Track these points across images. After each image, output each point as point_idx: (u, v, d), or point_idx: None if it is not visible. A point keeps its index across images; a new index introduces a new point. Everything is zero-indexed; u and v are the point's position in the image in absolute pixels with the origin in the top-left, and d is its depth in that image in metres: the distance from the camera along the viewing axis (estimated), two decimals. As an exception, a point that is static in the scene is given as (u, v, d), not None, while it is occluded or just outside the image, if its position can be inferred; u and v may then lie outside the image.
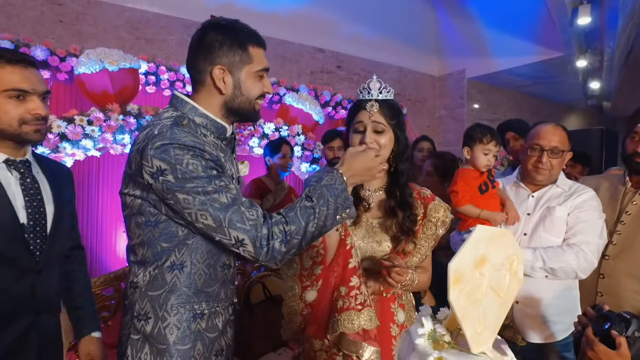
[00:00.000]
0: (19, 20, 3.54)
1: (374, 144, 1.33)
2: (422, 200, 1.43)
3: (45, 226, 1.30)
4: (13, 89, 1.21)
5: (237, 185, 1.26)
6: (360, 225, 1.40)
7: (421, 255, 1.41)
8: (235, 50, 1.18)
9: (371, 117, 1.34)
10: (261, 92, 1.24)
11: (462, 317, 0.58)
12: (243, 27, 1.22)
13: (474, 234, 0.61)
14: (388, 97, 1.38)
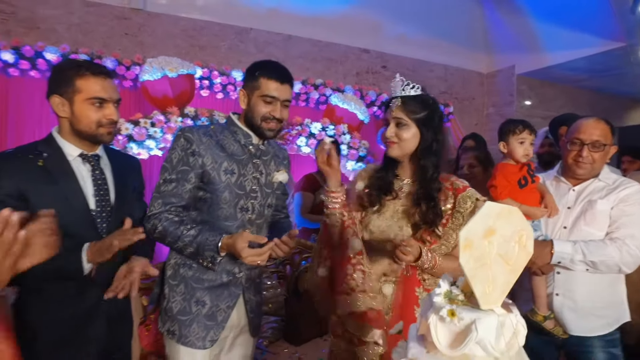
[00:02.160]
0: (93, 36, 3.94)
1: (394, 137, 1.48)
2: (454, 191, 1.49)
3: (110, 212, 1.51)
4: (94, 98, 1.44)
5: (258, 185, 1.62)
6: (387, 210, 1.53)
7: (448, 244, 1.49)
8: (250, 77, 1.56)
9: (392, 113, 1.47)
10: (264, 113, 1.54)
11: (472, 277, 0.68)
12: (267, 64, 1.58)
13: (483, 209, 0.71)
14: (413, 94, 1.47)
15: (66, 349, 1.42)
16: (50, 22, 3.86)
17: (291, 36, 4.97)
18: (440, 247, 1.48)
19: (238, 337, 1.68)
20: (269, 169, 1.66)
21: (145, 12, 4.17)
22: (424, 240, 1.46)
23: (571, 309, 1.80)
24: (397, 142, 1.49)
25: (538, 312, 1.81)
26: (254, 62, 1.61)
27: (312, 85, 4.51)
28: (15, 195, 1.35)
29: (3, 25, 3.66)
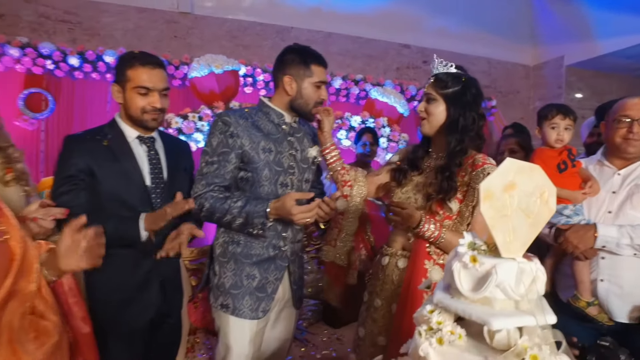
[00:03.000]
0: (145, 39, 4.22)
1: (424, 113, 1.57)
2: (472, 167, 1.51)
3: (163, 188, 1.67)
4: (140, 86, 1.59)
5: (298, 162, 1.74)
6: (409, 183, 1.63)
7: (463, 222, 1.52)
8: (298, 64, 1.64)
9: (425, 89, 1.58)
10: (318, 99, 1.66)
11: (492, 226, 0.73)
12: (310, 50, 1.69)
13: (503, 164, 0.75)
14: (445, 71, 1.54)
15: (127, 309, 1.59)
16: (109, 29, 4.17)
17: (331, 34, 5.05)
18: (455, 223, 1.52)
19: (282, 311, 1.78)
20: (303, 145, 1.75)
21: (192, 15, 4.40)
22: (435, 212, 1.51)
23: (617, 295, 1.76)
24: (426, 117, 1.57)
25: (581, 298, 1.77)
26: (300, 50, 1.70)
27: (352, 81, 4.57)
28: (85, 170, 1.54)
29: (70, 34, 4.02)
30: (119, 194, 1.57)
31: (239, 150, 1.62)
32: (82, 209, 1.47)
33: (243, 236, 1.66)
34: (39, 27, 3.89)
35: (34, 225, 1.21)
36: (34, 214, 1.23)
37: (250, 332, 1.64)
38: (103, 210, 1.55)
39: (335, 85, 4.49)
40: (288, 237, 1.71)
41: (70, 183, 1.52)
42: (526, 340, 0.67)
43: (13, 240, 0.91)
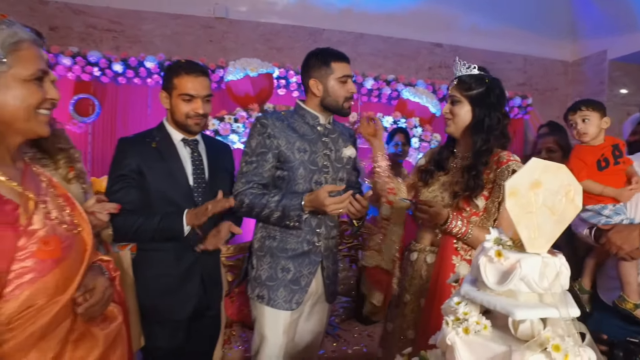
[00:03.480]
0: (182, 45, 4.40)
1: (449, 114, 1.61)
2: (497, 164, 1.54)
3: (205, 187, 1.77)
4: (185, 94, 1.71)
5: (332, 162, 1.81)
6: (435, 182, 1.68)
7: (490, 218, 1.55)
8: (320, 65, 1.72)
9: (449, 91, 1.62)
10: (347, 94, 1.73)
11: (517, 222, 0.76)
12: (328, 50, 1.78)
13: (528, 163, 0.78)
14: (468, 73, 1.58)
15: (170, 300, 1.70)
16: (149, 35, 4.38)
17: (363, 34, 5.09)
18: (481, 220, 1.56)
19: (315, 305, 1.86)
20: (337, 145, 1.82)
21: (227, 20, 4.55)
22: (461, 209, 1.55)
23: None
24: (451, 118, 1.61)
25: (628, 300, 1.71)
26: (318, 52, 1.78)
27: (384, 81, 4.59)
28: (136, 170, 1.68)
29: (114, 42, 4.26)
30: (165, 192, 1.69)
31: (275, 150, 1.71)
32: (133, 205, 1.63)
33: (279, 232, 1.75)
34: (87, 37, 4.14)
35: (92, 219, 1.33)
36: (91, 208, 1.35)
37: (284, 323, 1.72)
38: (151, 207, 1.68)
39: (367, 85, 4.52)
40: (322, 233, 1.78)
41: (123, 181, 1.67)
42: (549, 331, 0.70)
43: (85, 232, 1.01)
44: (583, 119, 1.79)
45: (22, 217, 0.86)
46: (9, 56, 0.85)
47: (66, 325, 0.90)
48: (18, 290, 0.83)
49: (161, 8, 4.38)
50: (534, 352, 0.69)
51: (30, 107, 0.89)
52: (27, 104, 0.88)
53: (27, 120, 0.89)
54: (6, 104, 0.86)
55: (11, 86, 0.86)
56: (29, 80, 0.88)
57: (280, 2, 4.73)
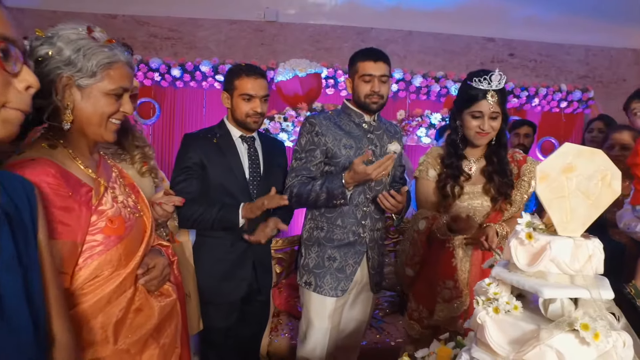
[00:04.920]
0: (235, 49, 4.62)
1: (490, 130, 1.60)
2: (516, 162, 1.66)
3: (260, 181, 1.90)
4: (245, 94, 1.83)
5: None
6: (464, 193, 1.67)
7: (516, 206, 1.64)
8: (351, 65, 1.84)
9: (491, 107, 1.57)
10: (366, 92, 1.78)
11: (548, 206, 0.77)
12: (361, 50, 1.86)
13: (561, 147, 0.79)
14: (503, 86, 1.58)
15: (224, 283, 1.84)
16: (204, 41, 4.64)
17: (412, 32, 5.05)
18: (508, 211, 1.65)
19: (360, 294, 1.92)
20: (382, 141, 1.88)
21: (277, 23, 4.70)
22: (502, 210, 1.63)
23: None
24: (490, 132, 1.61)
25: None
26: (354, 54, 1.87)
27: (432, 78, 4.54)
28: (199, 164, 1.83)
29: (173, 48, 4.55)
30: (224, 184, 1.84)
31: (323, 147, 1.82)
32: (194, 194, 1.79)
33: (326, 223, 1.84)
34: (149, 45, 4.46)
35: (159, 209, 1.50)
36: (159, 200, 1.53)
37: (329, 308, 1.80)
38: (210, 198, 1.82)
39: (416, 83, 4.49)
40: (367, 225, 1.84)
41: (186, 173, 1.82)
42: (579, 311, 0.71)
43: (145, 217, 1.16)
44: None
45: (94, 198, 1.01)
46: (101, 73, 1.00)
47: (128, 295, 1.04)
48: (89, 260, 0.97)
49: (216, 15, 4.62)
50: (562, 331, 0.71)
51: (104, 116, 1.04)
52: (101, 112, 1.03)
53: (98, 126, 1.04)
54: (86, 110, 1.01)
55: (94, 96, 1.01)
56: (110, 94, 1.03)
57: (328, 3, 4.81)
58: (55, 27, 1.01)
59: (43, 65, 0.96)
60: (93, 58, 0.99)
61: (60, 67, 0.97)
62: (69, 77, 0.98)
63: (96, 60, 0.99)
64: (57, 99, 0.97)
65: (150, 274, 1.10)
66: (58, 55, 0.97)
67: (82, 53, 0.98)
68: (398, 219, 1.87)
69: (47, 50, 0.97)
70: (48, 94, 0.96)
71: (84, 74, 0.98)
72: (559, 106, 4.91)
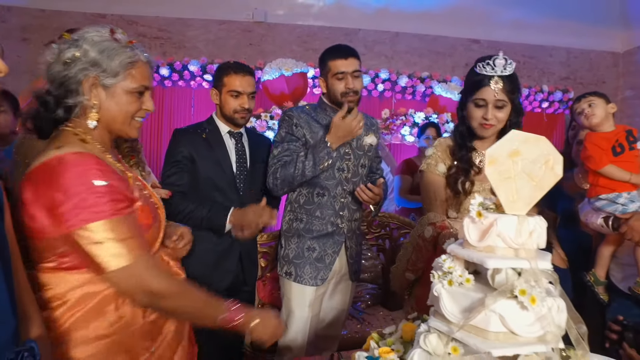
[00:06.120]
0: (224, 49, 4.67)
1: (494, 120, 1.49)
2: None
3: (246, 175, 1.96)
4: (233, 90, 1.90)
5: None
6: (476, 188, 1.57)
7: None
8: (322, 65, 1.90)
9: (496, 95, 1.45)
10: (341, 90, 1.84)
11: (496, 186, 0.85)
12: (328, 49, 1.92)
13: (507, 135, 0.87)
14: (510, 72, 1.46)
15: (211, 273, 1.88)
16: (193, 41, 4.69)
17: (398, 33, 5.14)
18: None
19: (339, 284, 1.99)
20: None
21: (266, 24, 4.77)
22: None
23: None
24: (495, 124, 1.50)
25: None
26: (322, 53, 1.93)
27: (418, 79, 4.64)
28: (188, 157, 1.89)
29: (161, 48, 4.59)
30: (212, 178, 1.90)
31: (302, 138, 1.89)
32: (184, 187, 1.85)
33: (305, 214, 1.90)
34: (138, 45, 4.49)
35: None
36: None
37: (309, 297, 1.87)
38: (199, 190, 1.88)
39: (401, 83, 4.59)
40: (345, 216, 1.91)
41: (177, 167, 1.88)
42: (521, 280, 0.79)
43: (160, 209, 1.23)
44: (589, 103, 1.83)
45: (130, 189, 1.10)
46: (123, 72, 1.06)
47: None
48: None
49: (205, 15, 4.67)
50: (504, 297, 0.78)
51: (128, 114, 1.10)
52: (125, 110, 1.09)
53: (123, 124, 1.11)
54: (111, 108, 1.08)
55: (118, 95, 1.07)
56: (132, 92, 1.09)
57: (316, 4, 4.88)
58: (80, 31, 1.07)
59: (71, 66, 1.03)
60: (116, 58, 1.04)
61: (87, 68, 1.03)
62: (95, 77, 1.04)
63: (119, 60, 1.05)
64: (85, 99, 1.04)
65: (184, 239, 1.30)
66: (84, 57, 1.03)
67: (106, 54, 1.04)
68: (376, 209, 1.94)
69: (74, 52, 1.03)
70: (76, 93, 1.03)
71: (108, 73, 1.04)
72: (541, 106, 5.04)
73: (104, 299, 1.03)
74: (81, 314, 1.00)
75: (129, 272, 0.99)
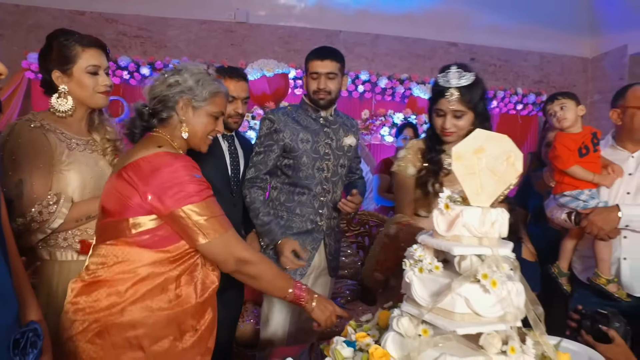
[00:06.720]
0: (205, 49, 4.68)
1: (454, 128, 1.57)
2: None
3: (240, 177, 1.99)
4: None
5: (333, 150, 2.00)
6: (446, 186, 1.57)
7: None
8: (305, 64, 1.97)
9: (451, 106, 1.53)
10: (314, 89, 1.93)
11: (462, 180, 0.92)
12: (312, 50, 1.98)
13: (473, 133, 0.95)
14: (467, 83, 1.52)
15: None
16: (174, 40, 4.68)
17: (379, 35, 5.23)
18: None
19: (319, 279, 2.05)
20: (338, 135, 2.01)
21: (247, 24, 4.80)
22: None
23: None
24: (455, 131, 1.57)
25: (602, 276, 1.85)
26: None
27: (397, 80, 4.74)
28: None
29: (142, 47, 4.57)
30: (212, 181, 1.88)
31: (281, 142, 1.93)
32: None
33: (286, 212, 1.96)
34: (117, 43, 4.46)
35: None
36: None
37: None
38: None
39: (381, 85, 4.68)
40: (324, 214, 1.98)
41: None
42: (484, 265, 0.86)
43: None
44: (561, 106, 1.91)
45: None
46: (210, 98, 1.35)
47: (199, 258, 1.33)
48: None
49: (186, 14, 4.67)
50: (468, 281, 0.86)
51: (206, 132, 1.38)
52: (205, 129, 1.37)
53: (200, 139, 1.38)
54: (194, 125, 1.35)
55: (201, 116, 1.36)
56: (212, 115, 1.37)
57: (298, 6, 4.94)
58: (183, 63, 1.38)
59: (172, 89, 1.31)
60: (206, 87, 1.33)
61: (184, 91, 1.32)
62: (188, 99, 1.32)
63: (208, 89, 1.34)
64: (178, 114, 1.32)
65: None
66: (184, 83, 1.32)
67: (200, 83, 1.33)
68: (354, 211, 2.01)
69: (177, 78, 1.32)
70: (171, 109, 1.32)
71: (198, 98, 1.33)
72: (515, 108, 5.22)
73: (167, 279, 1.22)
74: (149, 287, 1.20)
75: (223, 243, 1.25)
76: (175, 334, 1.23)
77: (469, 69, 1.56)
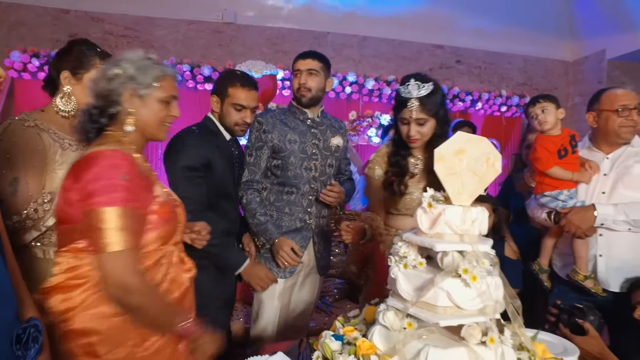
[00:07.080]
0: (193, 49, 4.67)
1: (418, 135, 1.67)
2: None
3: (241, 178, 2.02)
4: (237, 104, 1.91)
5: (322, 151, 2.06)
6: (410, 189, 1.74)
7: None
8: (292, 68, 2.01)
9: (413, 115, 1.63)
10: (296, 85, 1.98)
11: (444, 180, 0.97)
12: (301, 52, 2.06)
13: (454, 136, 1.00)
14: (426, 93, 1.62)
15: None
16: (162, 40, 4.66)
17: (366, 37, 5.28)
18: None
19: (308, 277, 2.09)
20: (326, 136, 2.06)
21: (235, 25, 4.81)
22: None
23: (615, 268, 1.91)
24: (420, 138, 1.68)
25: (579, 272, 1.93)
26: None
27: (384, 82, 4.81)
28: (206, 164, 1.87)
29: (129, 47, 4.53)
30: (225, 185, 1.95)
31: (270, 143, 1.98)
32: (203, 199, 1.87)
33: (275, 211, 2.01)
34: (103, 43, 4.41)
35: None
36: None
37: (279, 289, 1.98)
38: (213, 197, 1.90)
39: (368, 86, 4.74)
40: (313, 212, 2.03)
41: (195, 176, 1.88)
42: (465, 261, 0.91)
43: (179, 207, 1.35)
44: (542, 109, 1.99)
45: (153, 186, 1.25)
46: (155, 84, 1.25)
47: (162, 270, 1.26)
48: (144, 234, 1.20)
49: (173, 14, 4.66)
50: (450, 275, 0.91)
51: (159, 120, 1.29)
52: (157, 117, 1.28)
53: (154, 128, 1.29)
54: (144, 114, 1.26)
55: (150, 103, 1.26)
56: (162, 101, 1.27)
57: (286, 7, 4.96)
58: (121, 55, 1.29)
59: (113, 81, 1.23)
60: (150, 73, 1.25)
61: (126, 82, 1.23)
62: (132, 89, 1.23)
63: (151, 74, 1.25)
64: (125, 107, 1.23)
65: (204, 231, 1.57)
66: (124, 73, 1.23)
67: (142, 70, 1.24)
68: (341, 206, 2.06)
69: (116, 70, 1.23)
70: (117, 104, 1.23)
71: (143, 85, 1.24)
72: (500, 110, 5.33)
73: None
74: (101, 293, 1.14)
75: (114, 259, 1.10)
76: (136, 339, 1.17)
77: (428, 79, 1.68)
